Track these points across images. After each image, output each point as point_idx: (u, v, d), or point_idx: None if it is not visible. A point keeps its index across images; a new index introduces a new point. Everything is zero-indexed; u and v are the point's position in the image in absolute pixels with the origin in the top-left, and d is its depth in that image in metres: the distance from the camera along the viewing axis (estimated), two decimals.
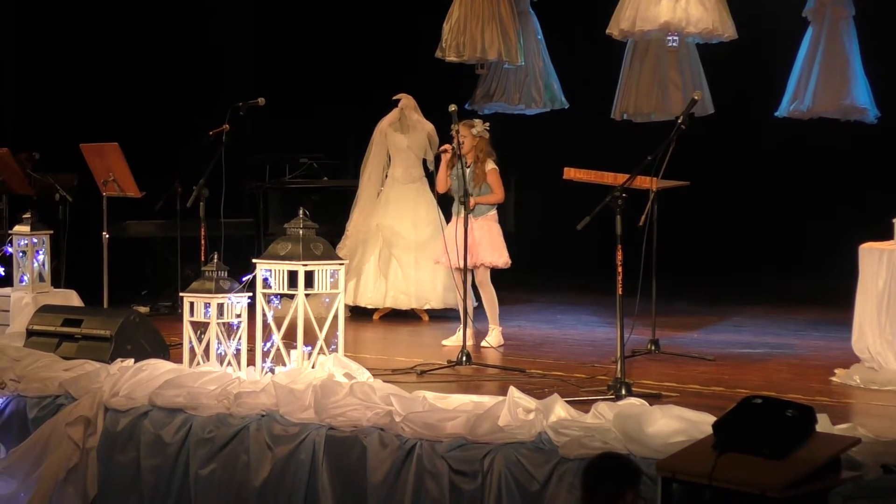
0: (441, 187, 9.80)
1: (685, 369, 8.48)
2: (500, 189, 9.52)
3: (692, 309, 11.69)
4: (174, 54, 13.28)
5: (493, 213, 9.60)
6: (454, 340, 9.36)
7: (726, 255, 14.12)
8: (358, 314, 11.12)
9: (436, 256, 9.94)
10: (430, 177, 11.29)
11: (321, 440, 6.55)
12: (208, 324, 7.57)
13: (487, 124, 9.59)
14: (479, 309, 9.78)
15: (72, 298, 9.77)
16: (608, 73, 12.38)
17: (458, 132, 9.13)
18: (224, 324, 7.59)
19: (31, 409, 7.52)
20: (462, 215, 9.12)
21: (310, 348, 7.60)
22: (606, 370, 8.09)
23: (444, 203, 10.37)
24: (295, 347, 7.58)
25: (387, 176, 11.34)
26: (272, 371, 7.47)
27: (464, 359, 8.53)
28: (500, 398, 6.38)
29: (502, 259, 9.51)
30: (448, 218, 9.93)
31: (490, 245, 9.48)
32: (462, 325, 8.85)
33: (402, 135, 11.23)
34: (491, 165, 9.50)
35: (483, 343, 9.41)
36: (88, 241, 10.64)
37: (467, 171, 9.37)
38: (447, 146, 9.44)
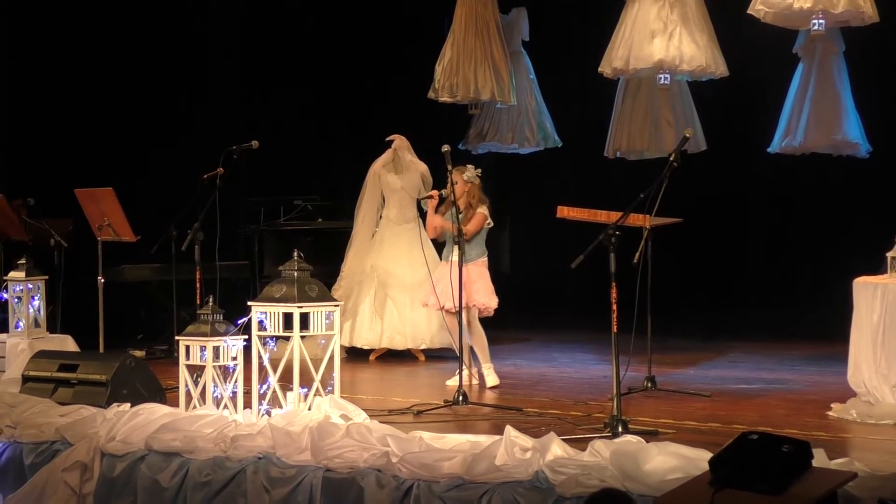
0: (431, 233, 9.73)
1: (682, 406, 8.48)
2: (472, 228, 9.36)
3: (688, 345, 11.70)
4: (168, 99, 13.32)
5: (484, 259, 9.59)
6: (456, 381, 9.39)
7: (721, 291, 14.14)
8: (354, 355, 11.13)
9: (423, 299, 9.89)
10: (425, 217, 11.31)
11: (318, 482, 6.54)
12: (204, 367, 7.55)
13: (479, 171, 9.57)
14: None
15: (67, 343, 9.77)
16: (600, 112, 12.44)
17: (451, 174, 9.12)
18: (220, 367, 7.58)
19: (28, 456, 7.49)
20: (454, 261, 9.16)
21: (306, 390, 7.60)
22: (603, 408, 8.10)
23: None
24: (291, 389, 7.58)
25: (381, 217, 11.37)
26: (269, 413, 7.47)
27: (460, 398, 8.53)
28: (497, 437, 6.37)
29: (494, 302, 9.51)
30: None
31: (483, 288, 9.48)
32: (459, 365, 8.84)
33: (395, 175, 11.27)
34: (481, 210, 9.47)
35: (489, 385, 9.38)
36: (84, 286, 10.64)
37: (459, 216, 9.40)
38: (433, 192, 9.40)
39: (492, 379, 9.48)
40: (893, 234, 8.10)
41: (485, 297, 9.46)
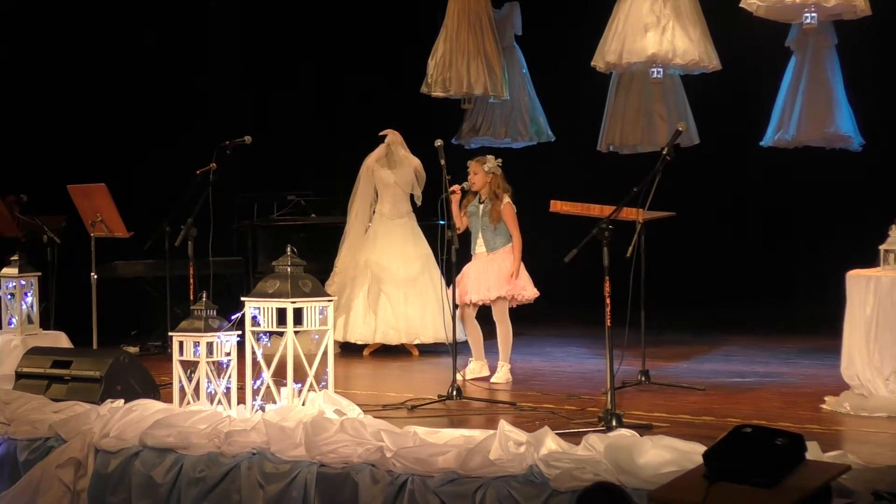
0: (460, 225, 9.58)
1: (676, 399, 8.49)
2: (515, 228, 9.46)
3: (682, 339, 11.71)
4: (161, 95, 13.30)
5: (507, 247, 9.57)
6: (469, 373, 9.41)
7: (715, 285, 14.14)
8: (348, 350, 11.13)
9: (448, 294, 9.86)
10: (418, 212, 11.32)
11: (312, 477, 6.54)
12: (198, 363, 7.55)
13: (500, 160, 9.56)
14: (466, 344, 9.78)
15: (61, 340, 9.77)
16: (593, 106, 12.44)
17: (444, 168, 9.10)
18: (214, 362, 7.58)
19: (22, 452, 7.48)
20: (480, 251, 9.42)
21: (300, 385, 7.60)
22: (597, 402, 8.10)
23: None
24: (285, 385, 7.58)
25: (374, 212, 11.36)
26: (262, 409, 7.46)
27: (454, 393, 8.53)
28: (491, 432, 6.37)
29: (528, 292, 9.49)
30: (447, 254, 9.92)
31: (506, 278, 9.47)
32: (453, 360, 8.83)
33: (389, 170, 11.26)
34: (506, 200, 9.48)
35: (493, 380, 9.41)
36: (77, 283, 10.62)
37: (480, 207, 9.43)
38: (456, 187, 9.35)
39: (502, 376, 9.44)
40: (886, 226, 8.10)
41: (517, 285, 9.46)
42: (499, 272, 9.43)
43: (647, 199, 7.92)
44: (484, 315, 9.65)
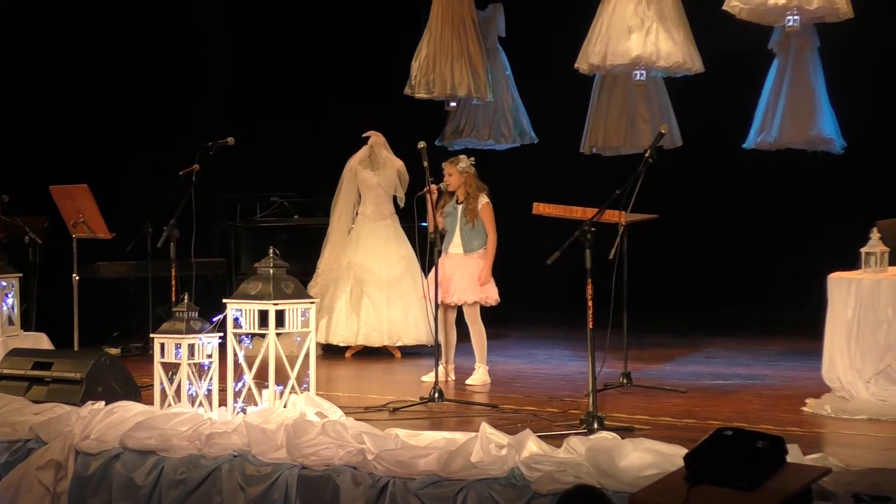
0: (434, 226, 9.62)
1: (657, 402, 8.50)
2: (492, 228, 9.47)
3: (664, 341, 11.73)
4: (144, 95, 13.25)
5: (483, 251, 9.57)
6: (432, 377, 9.38)
7: (697, 287, 14.16)
8: (330, 352, 11.12)
9: (424, 293, 9.84)
10: (401, 213, 11.31)
11: (294, 480, 6.53)
12: (179, 365, 7.53)
13: (472, 159, 9.57)
14: (458, 345, 9.78)
15: (42, 341, 9.73)
16: (577, 108, 12.45)
17: (427, 170, 9.08)
18: (195, 364, 7.56)
19: (2, 454, 7.44)
20: (456, 252, 9.35)
21: (281, 388, 7.59)
22: (579, 404, 8.11)
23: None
24: (266, 387, 7.57)
25: (357, 213, 11.35)
26: (244, 411, 7.45)
27: (436, 395, 8.52)
28: (473, 434, 6.37)
29: (495, 293, 9.49)
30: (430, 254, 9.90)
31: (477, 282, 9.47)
32: (435, 362, 8.84)
33: (372, 172, 11.25)
34: (484, 200, 9.48)
35: (468, 382, 9.40)
36: (59, 284, 10.59)
37: (458, 207, 9.41)
38: (432, 187, 9.34)
39: (479, 378, 9.44)
40: (868, 229, 8.12)
41: (487, 289, 9.46)
42: (473, 275, 9.42)
43: (629, 202, 7.93)
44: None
